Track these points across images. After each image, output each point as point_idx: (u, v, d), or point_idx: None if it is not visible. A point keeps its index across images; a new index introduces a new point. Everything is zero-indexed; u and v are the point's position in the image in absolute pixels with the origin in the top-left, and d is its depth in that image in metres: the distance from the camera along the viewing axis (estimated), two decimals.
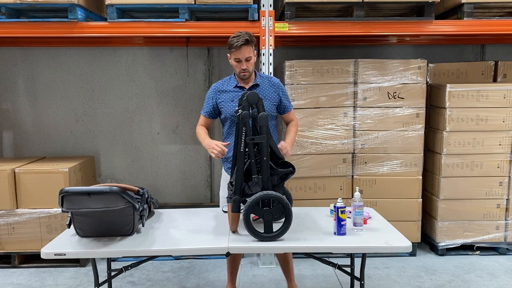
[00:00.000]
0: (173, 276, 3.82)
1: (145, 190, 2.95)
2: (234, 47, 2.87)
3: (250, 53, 2.93)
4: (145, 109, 4.93)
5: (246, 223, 2.54)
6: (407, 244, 2.55)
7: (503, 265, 3.98)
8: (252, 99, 2.67)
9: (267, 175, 2.61)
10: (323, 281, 3.69)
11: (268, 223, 2.57)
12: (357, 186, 3.98)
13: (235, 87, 3.06)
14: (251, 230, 2.55)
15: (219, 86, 3.11)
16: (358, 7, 3.77)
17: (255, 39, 2.98)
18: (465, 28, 3.93)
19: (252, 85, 3.05)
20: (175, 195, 5.07)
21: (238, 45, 2.86)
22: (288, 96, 3.20)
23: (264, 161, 2.60)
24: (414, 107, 4.04)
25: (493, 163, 4.07)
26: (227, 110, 3.04)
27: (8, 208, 3.90)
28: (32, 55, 4.80)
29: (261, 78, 3.10)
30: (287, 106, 3.15)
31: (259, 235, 2.56)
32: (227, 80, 3.13)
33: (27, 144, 4.91)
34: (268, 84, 3.09)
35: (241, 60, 2.92)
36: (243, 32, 2.92)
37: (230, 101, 3.04)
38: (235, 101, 3.00)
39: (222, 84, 3.11)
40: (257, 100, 2.68)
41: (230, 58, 2.99)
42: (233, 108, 3.00)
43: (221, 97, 3.06)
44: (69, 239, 2.65)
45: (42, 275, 3.86)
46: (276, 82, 3.14)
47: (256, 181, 2.61)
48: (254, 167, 2.62)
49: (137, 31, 3.84)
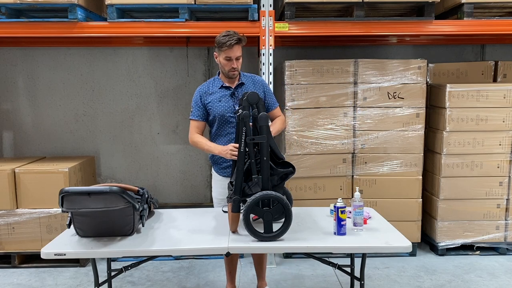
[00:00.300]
0: (173, 276, 3.82)
1: (145, 190, 2.95)
2: (227, 46, 2.88)
3: (240, 52, 2.97)
4: (145, 109, 4.93)
5: (246, 223, 2.54)
6: (407, 244, 2.56)
7: (503, 265, 3.98)
8: (252, 99, 2.67)
9: (267, 175, 2.61)
10: (323, 281, 3.69)
11: (268, 223, 2.57)
12: (357, 186, 3.98)
13: (220, 87, 3.07)
14: (250, 230, 2.55)
15: (204, 89, 3.10)
16: (358, 7, 3.77)
17: (245, 39, 3.00)
18: (465, 28, 3.93)
19: (237, 84, 3.07)
20: (175, 195, 5.07)
21: (232, 44, 2.88)
22: (272, 94, 3.22)
23: (264, 161, 2.60)
24: (414, 107, 4.04)
25: (493, 163, 4.07)
26: (215, 111, 3.03)
27: (8, 208, 3.90)
28: (32, 55, 4.80)
29: (245, 77, 3.12)
30: (271, 103, 3.16)
31: (259, 235, 2.56)
32: (211, 81, 3.13)
33: (27, 144, 4.91)
34: (252, 82, 3.11)
35: (232, 58, 2.93)
36: (231, 31, 2.94)
37: (217, 101, 3.04)
38: (223, 101, 3.02)
39: (208, 86, 3.11)
40: (257, 100, 2.68)
41: (217, 56, 3.00)
42: (222, 108, 3.01)
43: (208, 98, 3.06)
44: (69, 239, 2.65)
45: (42, 275, 3.86)
46: (260, 80, 3.17)
47: (256, 181, 2.61)
48: (254, 167, 2.62)
49: (137, 31, 3.84)
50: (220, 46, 2.91)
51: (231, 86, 3.06)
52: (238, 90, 3.06)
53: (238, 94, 3.03)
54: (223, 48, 2.90)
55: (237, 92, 3.05)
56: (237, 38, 2.89)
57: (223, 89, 3.06)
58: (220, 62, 2.99)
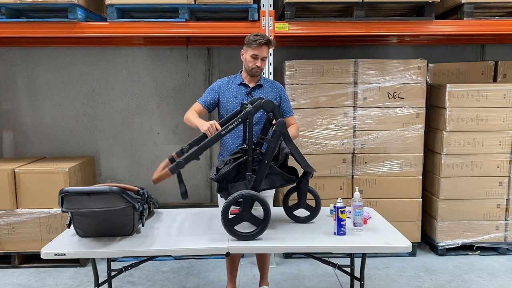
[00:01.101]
0: (173, 276, 3.82)
1: (145, 190, 2.94)
2: (257, 44, 2.97)
3: (267, 54, 3.08)
4: (145, 109, 4.93)
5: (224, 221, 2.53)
6: (407, 244, 2.55)
7: (503, 265, 3.98)
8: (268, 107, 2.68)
9: (261, 177, 2.61)
10: (323, 281, 3.69)
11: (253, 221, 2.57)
12: (357, 186, 3.98)
13: (239, 84, 3.13)
14: (228, 228, 2.55)
15: (225, 82, 3.19)
16: (358, 7, 3.77)
17: (275, 43, 3.09)
18: (465, 28, 3.93)
19: (256, 84, 3.13)
20: (175, 195, 5.06)
21: (261, 43, 2.97)
22: (289, 101, 3.25)
23: (265, 163, 2.60)
24: (414, 107, 4.04)
25: (493, 163, 4.07)
26: (229, 105, 3.09)
27: (8, 208, 3.90)
28: (32, 55, 4.80)
29: (264, 80, 3.20)
30: (286, 111, 3.19)
31: (237, 234, 2.56)
32: (232, 77, 3.21)
33: (27, 144, 4.91)
34: (270, 86, 3.18)
35: (258, 57, 3.01)
36: (261, 33, 3.07)
37: (233, 97, 3.11)
38: (238, 98, 3.09)
39: (228, 80, 3.19)
40: (273, 107, 2.69)
41: (244, 53, 3.08)
42: (235, 104, 3.06)
43: (225, 92, 3.13)
44: (69, 239, 2.64)
45: (42, 275, 3.86)
46: (278, 85, 3.23)
47: (249, 179, 2.61)
48: (250, 164, 2.63)
49: (137, 31, 3.85)
50: (249, 43, 3.00)
51: (249, 85, 3.12)
52: (256, 91, 3.11)
53: (254, 95, 3.07)
54: (252, 45, 2.99)
55: (253, 92, 3.10)
56: (267, 39, 3.01)
57: (242, 86, 3.13)
58: (246, 59, 3.07)
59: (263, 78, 3.20)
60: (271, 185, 2.74)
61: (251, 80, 3.13)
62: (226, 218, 2.54)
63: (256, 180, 2.61)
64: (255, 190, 2.60)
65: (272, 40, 3.07)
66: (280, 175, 2.71)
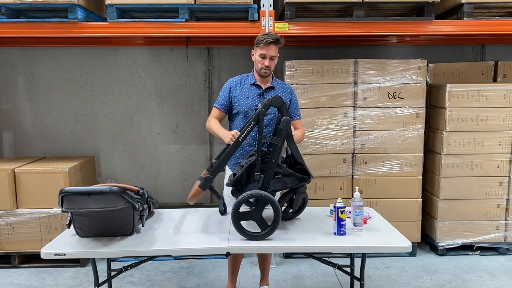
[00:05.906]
0: (173, 276, 3.82)
1: (145, 190, 2.95)
2: (264, 43, 2.97)
3: (276, 53, 3.05)
4: (145, 109, 4.93)
5: (234, 220, 2.54)
6: (407, 244, 2.56)
7: (503, 265, 3.98)
8: (276, 103, 2.68)
9: (270, 176, 2.62)
10: (323, 281, 3.69)
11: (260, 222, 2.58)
12: (357, 186, 3.98)
13: (252, 84, 3.12)
14: (238, 227, 2.56)
15: (236, 81, 3.18)
16: (358, 7, 3.77)
17: (283, 41, 3.06)
18: (465, 28, 3.92)
19: (268, 86, 3.13)
20: (175, 195, 5.06)
21: (268, 42, 2.97)
22: (298, 105, 3.26)
23: (273, 163, 2.60)
24: (414, 107, 4.04)
25: (493, 163, 4.07)
26: (241, 106, 3.09)
27: (8, 208, 3.90)
28: (32, 55, 4.80)
29: (276, 82, 3.19)
30: (294, 114, 3.19)
31: (247, 233, 2.56)
32: (245, 76, 3.20)
33: (27, 144, 4.91)
34: (282, 88, 3.17)
35: (266, 56, 3.01)
36: (271, 33, 3.07)
37: (245, 97, 3.10)
38: (250, 98, 3.08)
39: (240, 80, 3.18)
40: (281, 104, 2.69)
41: (254, 53, 3.08)
42: (247, 105, 3.06)
43: (237, 92, 3.12)
44: (69, 239, 2.65)
45: (42, 275, 3.86)
46: (289, 88, 3.23)
47: (257, 178, 2.61)
48: (259, 164, 2.63)
49: (137, 31, 3.84)
50: (258, 43, 3.01)
51: (262, 86, 3.12)
52: (268, 92, 3.10)
53: (266, 96, 3.06)
54: (260, 44, 3.00)
55: (266, 94, 3.09)
56: (275, 38, 2.99)
57: (254, 86, 3.12)
58: (255, 59, 3.07)
59: (275, 79, 3.19)
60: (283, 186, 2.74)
61: (263, 81, 3.12)
62: (236, 216, 2.55)
63: (265, 179, 2.61)
64: (264, 189, 2.60)
65: (280, 39, 3.03)
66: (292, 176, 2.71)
